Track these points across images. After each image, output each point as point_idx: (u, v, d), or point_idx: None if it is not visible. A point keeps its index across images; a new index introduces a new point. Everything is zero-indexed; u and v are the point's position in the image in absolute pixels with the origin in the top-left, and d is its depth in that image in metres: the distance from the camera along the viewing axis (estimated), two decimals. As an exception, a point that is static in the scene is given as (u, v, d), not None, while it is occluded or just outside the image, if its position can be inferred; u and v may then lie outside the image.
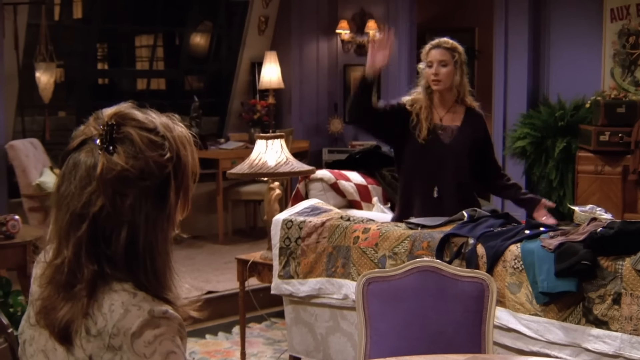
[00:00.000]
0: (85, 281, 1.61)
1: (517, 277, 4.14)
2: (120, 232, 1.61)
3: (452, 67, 5.02)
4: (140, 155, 1.62)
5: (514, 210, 6.91)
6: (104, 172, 1.60)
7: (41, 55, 8.06)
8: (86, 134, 1.66)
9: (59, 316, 1.61)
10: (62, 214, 1.63)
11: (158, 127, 1.67)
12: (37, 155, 7.57)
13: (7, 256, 5.30)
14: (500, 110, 9.27)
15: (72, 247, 1.61)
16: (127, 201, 1.61)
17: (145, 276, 1.63)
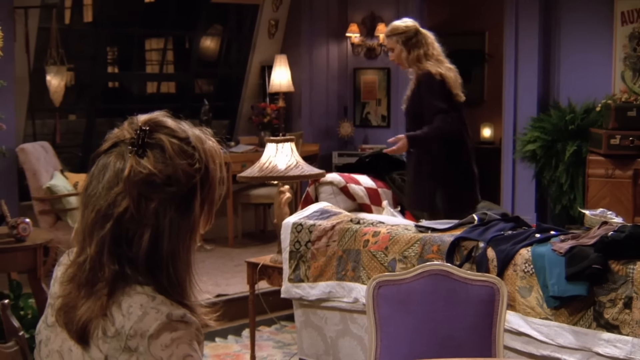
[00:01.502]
0: (106, 280, 1.62)
1: (528, 281, 4.13)
2: (143, 235, 1.63)
3: (399, 49, 5.75)
4: (169, 161, 1.64)
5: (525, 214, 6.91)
6: (131, 174, 1.62)
7: (52, 59, 8.08)
8: (118, 137, 1.68)
9: (79, 314, 1.63)
10: (87, 212, 1.66)
11: (190, 137, 1.69)
12: (48, 159, 7.59)
13: (18, 259, 5.31)
14: (510, 113, 9.25)
15: (95, 245, 1.63)
16: (152, 205, 1.63)
17: (166, 281, 1.65)
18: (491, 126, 11.77)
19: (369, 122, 10.41)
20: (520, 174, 9.14)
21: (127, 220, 1.62)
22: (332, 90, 10.46)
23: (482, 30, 11.78)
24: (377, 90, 10.30)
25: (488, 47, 11.81)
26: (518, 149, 9.03)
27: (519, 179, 9.16)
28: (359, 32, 10.29)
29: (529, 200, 9.08)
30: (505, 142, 9.40)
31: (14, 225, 5.24)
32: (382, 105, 10.27)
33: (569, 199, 8.49)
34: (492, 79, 11.33)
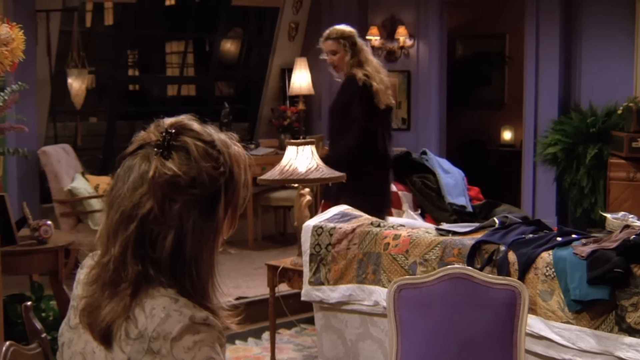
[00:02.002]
0: (129, 281, 1.63)
1: (549, 285, 4.12)
2: (167, 236, 1.64)
3: (343, 52, 6.02)
4: (193, 164, 1.65)
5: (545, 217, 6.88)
6: (155, 176, 1.63)
7: (73, 62, 8.12)
8: (144, 139, 1.70)
9: (102, 314, 1.64)
10: (112, 213, 1.67)
11: (215, 140, 1.70)
12: (69, 161, 7.62)
13: (40, 261, 5.34)
14: (531, 116, 9.22)
15: (119, 246, 1.65)
16: (176, 207, 1.64)
17: (189, 283, 1.66)
18: (512, 129, 11.73)
19: (389, 124, 10.38)
20: (541, 177, 9.10)
21: (151, 221, 1.63)
22: (352, 93, 10.44)
23: (502, 32, 11.75)
24: (398, 93, 10.28)
25: (509, 49, 11.78)
26: (539, 151, 9.00)
27: (539, 182, 9.13)
28: (379, 35, 10.27)
29: (549, 203, 9.04)
30: (525, 145, 9.36)
31: (36, 227, 5.26)
32: (403, 108, 10.25)
33: (590, 202, 8.45)
34: (513, 82, 11.29)
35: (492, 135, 12.00)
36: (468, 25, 11.77)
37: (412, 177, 6.57)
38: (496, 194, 8.38)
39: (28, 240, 5.29)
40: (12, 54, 3.82)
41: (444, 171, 6.65)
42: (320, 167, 5.20)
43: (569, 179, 8.66)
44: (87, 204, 7.30)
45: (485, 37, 11.87)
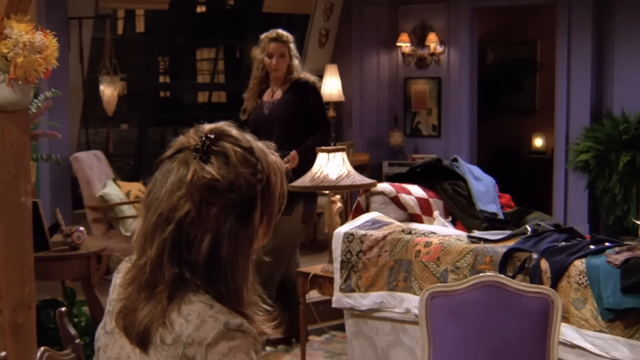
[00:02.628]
0: (166, 283, 1.64)
1: (582, 293, 4.09)
2: (203, 239, 1.64)
3: (287, 57, 5.88)
4: (232, 169, 1.66)
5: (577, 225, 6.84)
6: (194, 179, 1.64)
7: (105, 69, 8.18)
8: (183, 144, 1.71)
9: (139, 317, 1.65)
10: (149, 215, 1.68)
11: (254, 147, 1.72)
12: (101, 167, 7.67)
13: (72, 267, 5.37)
14: (562, 123, 9.18)
15: (155, 248, 1.65)
16: (213, 210, 1.64)
17: (225, 288, 1.66)
18: (543, 136, 11.68)
19: (420, 131, 10.38)
20: (573, 184, 9.05)
21: (188, 224, 1.64)
22: (382, 100, 10.45)
23: (533, 39, 11.71)
24: (428, 99, 10.27)
25: (540, 55, 11.73)
26: (570, 159, 8.95)
27: (571, 190, 9.08)
28: (410, 42, 10.27)
29: (581, 211, 8.99)
30: (557, 152, 9.32)
31: (69, 233, 5.30)
32: (433, 115, 10.24)
33: (622, 209, 8.39)
34: (544, 88, 11.24)
35: (523, 142, 11.95)
36: (499, 32, 11.73)
37: (442, 184, 6.53)
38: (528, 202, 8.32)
39: (61, 246, 5.33)
40: (46, 61, 3.85)
41: (475, 178, 6.60)
42: (351, 174, 5.19)
43: (601, 186, 8.61)
44: (118, 210, 7.34)
45: (516, 43, 11.82)
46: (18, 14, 3.83)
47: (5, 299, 3.97)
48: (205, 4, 10.53)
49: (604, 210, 8.73)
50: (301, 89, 5.88)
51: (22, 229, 4.02)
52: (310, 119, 5.86)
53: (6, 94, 3.83)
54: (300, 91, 5.88)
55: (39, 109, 5.39)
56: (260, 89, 6.01)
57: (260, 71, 5.98)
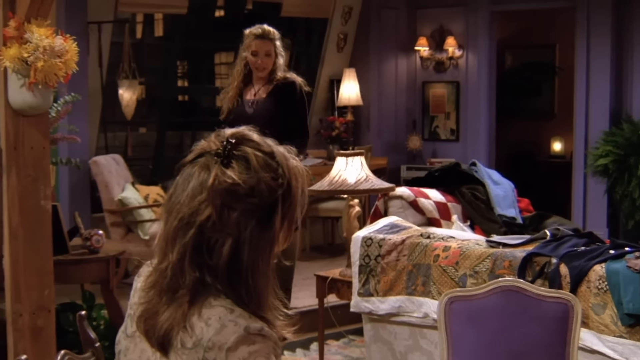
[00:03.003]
0: (187, 287, 1.65)
1: (602, 298, 4.07)
2: (224, 244, 1.65)
3: (273, 55, 5.48)
4: (253, 173, 1.67)
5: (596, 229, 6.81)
6: (215, 183, 1.65)
7: (124, 73, 8.21)
8: (204, 148, 1.71)
9: (160, 321, 1.65)
10: (171, 220, 1.69)
11: (275, 152, 1.72)
12: (120, 171, 7.69)
13: (91, 270, 5.39)
14: (582, 127, 9.14)
15: (177, 252, 1.66)
16: (234, 215, 1.65)
17: (245, 292, 1.67)
18: (562, 140, 11.64)
19: (438, 135, 10.36)
20: (592, 188, 9.01)
21: (209, 228, 1.65)
22: (400, 104, 10.44)
23: (552, 43, 11.67)
24: (446, 103, 10.25)
25: (559, 59, 11.69)
26: (589, 163, 8.91)
27: (590, 194, 9.04)
28: (428, 46, 10.26)
29: (600, 215, 8.95)
30: (576, 156, 9.28)
31: (88, 237, 5.32)
32: (451, 119, 10.22)
33: (642, 214, 8.36)
34: (563, 92, 11.20)
35: (542, 147, 11.91)
36: (517, 36, 11.70)
37: (461, 189, 6.51)
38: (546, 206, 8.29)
39: (80, 249, 5.35)
40: (66, 65, 3.86)
41: (494, 182, 6.59)
42: (370, 178, 5.19)
43: (621, 190, 8.57)
44: (137, 214, 7.36)
45: (535, 47, 11.79)
46: (38, 18, 3.85)
47: (25, 303, 3.99)
48: (223, 8, 10.55)
49: (623, 214, 8.68)
50: (287, 91, 5.50)
51: (42, 232, 4.04)
52: (291, 124, 5.43)
53: (26, 98, 3.85)
54: (286, 93, 5.49)
55: (58, 113, 5.41)
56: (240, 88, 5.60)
57: (242, 69, 5.57)
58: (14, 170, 3.94)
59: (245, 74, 5.56)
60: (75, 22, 7.55)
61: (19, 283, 3.97)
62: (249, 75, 5.59)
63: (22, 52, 3.77)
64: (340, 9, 9.97)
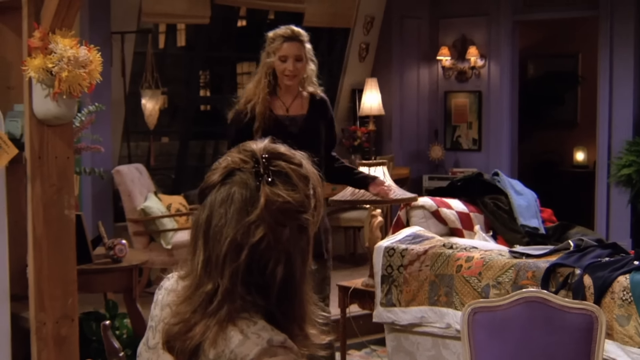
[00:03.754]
0: (233, 310, 1.62)
1: (626, 309, 4.04)
2: (279, 262, 1.63)
3: (304, 62, 4.64)
4: (297, 189, 1.66)
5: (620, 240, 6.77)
6: (267, 203, 1.62)
7: (147, 83, 8.25)
8: (231, 165, 1.68)
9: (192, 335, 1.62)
10: (215, 243, 1.64)
11: (302, 162, 1.71)
12: (142, 181, 7.72)
13: (114, 279, 5.40)
14: (605, 137, 9.10)
15: (228, 276, 1.63)
16: (286, 232, 1.63)
17: (297, 308, 1.66)
18: (585, 150, 11.59)
19: (460, 145, 10.34)
20: (615, 198, 8.97)
21: (262, 249, 1.62)
22: (422, 114, 10.43)
23: (575, 52, 11.63)
24: (468, 113, 10.24)
25: (581, 69, 11.65)
26: (613, 173, 8.87)
27: (613, 204, 8.99)
28: (450, 55, 10.25)
29: (624, 225, 8.90)
30: (599, 166, 9.24)
31: (111, 246, 5.34)
32: (473, 129, 10.20)
33: (665, 224, 8.31)
34: (586, 102, 11.16)
35: (564, 156, 11.87)
36: (540, 45, 11.67)
37: (483, 199, 6.49)
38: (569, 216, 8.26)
39: (103, 258, 5.37)
40: (90, 75, 3.88)
41: (516, 192, 6.56)
42: (392, 188, 5.18)
43: (644, 200, 8.53)
44: (159, 223, 7.37)
45: (557, 56, 11.76)
46: (63, 29, 3.87)
47: (49, 311, 4.01)
48: (245, 18, 10.58)
49: (646, 225, 8.64)
50: (324, 108, 4.80)
51: (66, 241, 4.06)
52: (329, 145, 4.82)
53: (51, 108, 3.87)
54: (324, 111, 4.79)
55: (82, 122, 5.44)
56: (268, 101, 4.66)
57: (268, 78, 4.66)
58: (39, 179, 3.96)
59: (273, 86, 4.67)
60: (99, 33, 7.60)
61: (43, 292, 3.99)
62: (275, 88, 4.71)
63: (46, 63, 3.79)
64: (362, 18, 9.98)
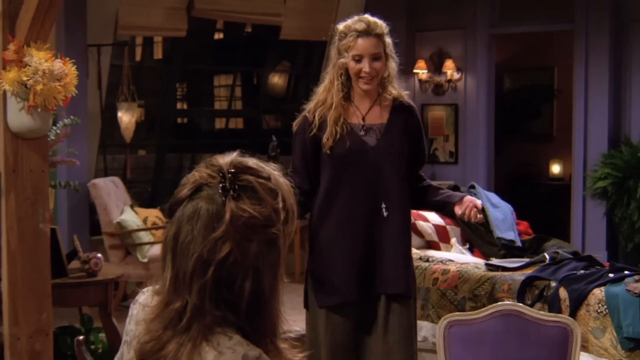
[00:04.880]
0: (204, 326, 1.61)
1: (601, 322, 4.06)
2: (246, 277, 1.62)
3: (384, 60, 3.92)
4: (263, 202, 1.64)
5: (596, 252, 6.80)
6: (233, 219, 1.61)
7: (123, 95, 8.22)
8: (199, 180, 1.67)
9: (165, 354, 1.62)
10: (183, 259, 1.64)
11: (271, 175, 1.70)
12: (118, 194, 7.69)
13: (89, 294, 5.37)
14: (580, 150, 9.15)
15: (196, 292, 1.62)
16: (252, 247, 1.62)
17: (267, 323, 1.65)
18: (560, 162, 11.65)
19: (437, 158, 10.37)
20: (591, 211, 9.01)
21: (229, 265, 1.61)
22: (399, 126, 10.44)
23: (551, 65, 11.70)
24: (445, 126, 10.27)
25: (557, 82, 11.72)
26: (588, 185, 8.91)
27: (589, 216, 9.03)
28: (427, 69, 10.28)
29: (599, 238, 8.94)
30: (575, 178, 9.28)
31: (86, 260, 5.31)
32: (450, 142, 10.23)
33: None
34: (562, 115, 11.22)
35: (541, 169, 11.92)
36: (516, 58, 11.73)
37: (460, 211, 6.51)
38: (545, 229, 8.31)
39: (78, 272, 5.34)
40: (65, 88, 3.86)
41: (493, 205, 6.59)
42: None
43: (620, 213, 8.56)
44: (135, 237, 7.34)
45: (533, 70, 11.82)
46: (38, 41, 3.86)
47: (23, 326, 3.97)
48: (223, 31, 10.59)
49: (622, 237, 8.68)
50: (408, 116, 4.01)
51: (40, 255, 4.03)
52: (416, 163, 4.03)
53: (25, 122, 3.85)
54: (409, 119, 4.01)
55: (57, 136, 5.41)
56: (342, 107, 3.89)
57: (341, 80, 3.90)
58: (13, 193, 3.93)
59: (345, 88, 3.92)
60: (75, 45, 7.57)
61: (17, 306, 3.96)
62: (349, 91, 3.96)
63: (21, 76, 3.77)
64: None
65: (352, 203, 3.81)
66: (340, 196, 3.82)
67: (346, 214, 3.80)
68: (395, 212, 3.81)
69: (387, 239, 3.78)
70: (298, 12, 9.37)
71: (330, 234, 3.83)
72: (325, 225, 3.85)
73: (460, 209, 3.83)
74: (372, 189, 3.81)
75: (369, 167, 3.81)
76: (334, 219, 3.82)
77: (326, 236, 3.85)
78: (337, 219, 3.82)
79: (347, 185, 3.82)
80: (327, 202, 3.84)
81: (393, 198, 3.82)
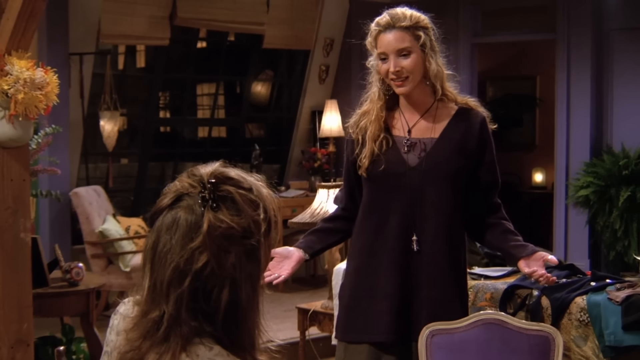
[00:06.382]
0: (181, 336, 1.61)
1: (583, 330, 4.07)
2: (223, 288, 1.61)
3: (418, 54, 3.33)
4: (242, 213, 1.63)
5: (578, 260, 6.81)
6: (210, 229, 1.60)
7: (105, 104, 8.20)
8: (180, 190, 1.66)
9: None
10: (160, 269, 1.63)
11: (253, 186, 1.69)
12: (100, 203, 7.66)
13: (71, 303, 5.35)
14: (562, 158, 9.17)
15: (172, 302, 1.61)
16: (230, 258, 1.61)
17: (245, 334, 1.64)
18: (543, 171, 11.68)
19: (420, 166, 10.37)
20: (573, 219, 9.03)
21: (206, 275, 1.61)
22: (382, 135, 10.45)
23: (533, 74, 11.75)
24: (428, 135, 10.28)
25: (539, 91, 11.76)
26: (571, 194, 8.94)
27: (571, 225, 9.06)
28: (409, 77, 10.29)
29: (582, 246, 8.96)
30: (557, 187, 9.31)
31: (68, 269, 5.29)
32: (433, 150, 10.25)
33: (623, 245, 8.37)
34: (544, 124, 11.27)
35: (523, 178, 11.95)
36: (498, 67, 11.77)
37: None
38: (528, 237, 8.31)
39: (60, 282, 5.31)
40: (47, 97, 3.86)
41: (475, 214, 6.61)
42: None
43: (602, 221, 8.59)
44: (118, 246, 7.32)
45: (515, 79, 11.86)
46: (19, 50, 3.84)
47: (4, 336, 3.95)
48: (205, 39, 10.58)
49: (604, 245, 8.71)
50: (474, 128, 3.42)
51: (21, 265, 4.01)
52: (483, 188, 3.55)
53: (6, 130, 3.84)
54: (474, 132, 3.41)
55: (39, 145, 5.40)
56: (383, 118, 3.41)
57: (381, 86, 3.45)
58: (-6, 202, 3.91)
59: (385, 95, 3.43)
60: (57, 54, 7.55)
61: (-2, 317, 3.94)
62: (391, 97, 3.44)
63: (2, 85, 3.76)
64: (322, 40, 10.01)
65: (379, 235, 3.31)
66: (370, 225, 3.34)
67: (374, 246, 3.32)
68: (430, 246, 3.28)
69: (423, 276, 3.29)
70: (281, 21, 9.38)
71: (360, 265, 3.37)
72: (355, 254, 3.40)
73: (528, 266, 3.31)
74: (404, 218, 3.28)
75: (403, 193, 3.28)
76: (363, 250, 3.35)
77: (354, 266, 3.41)
78: (365, 250, 3.34)
79: (376, 213, 3.33)
80: (358, 230, 3.39)
81: (429, 229, 3.28)
